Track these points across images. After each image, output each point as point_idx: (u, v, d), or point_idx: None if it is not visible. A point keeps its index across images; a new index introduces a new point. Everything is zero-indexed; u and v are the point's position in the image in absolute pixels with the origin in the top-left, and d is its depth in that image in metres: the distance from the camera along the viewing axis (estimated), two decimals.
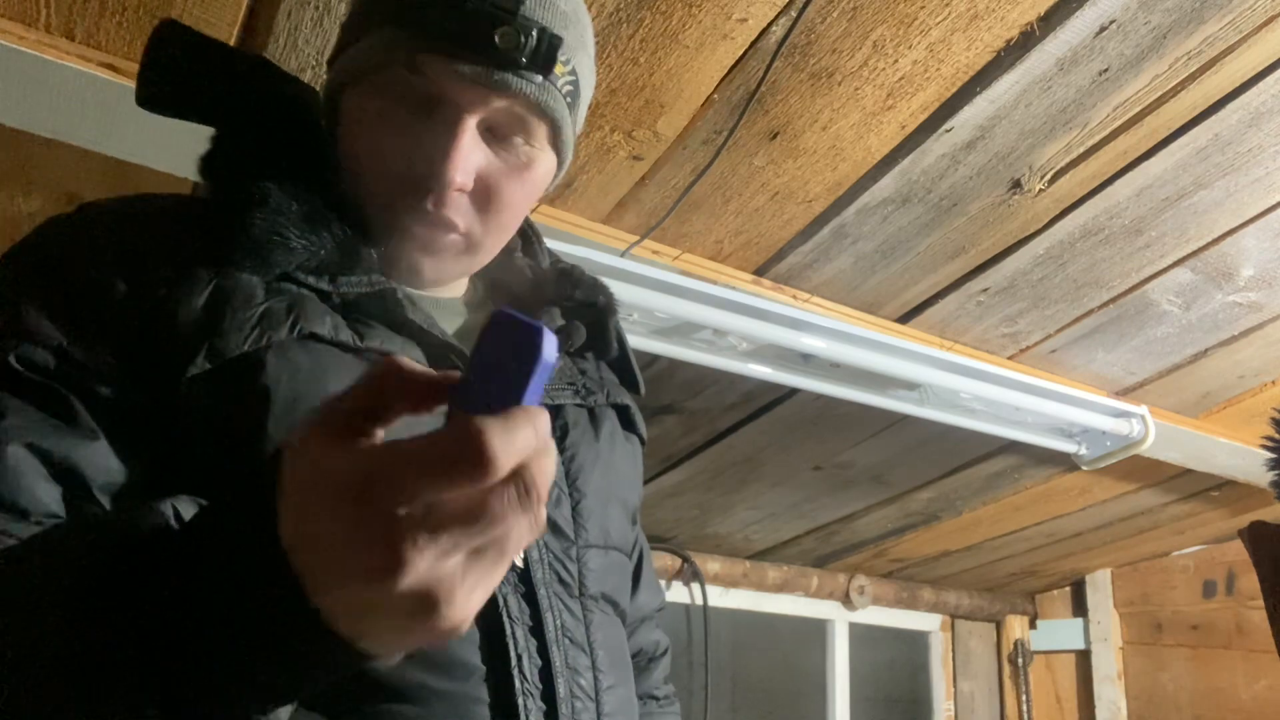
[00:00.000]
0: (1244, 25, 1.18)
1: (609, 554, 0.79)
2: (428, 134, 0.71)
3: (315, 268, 0.70)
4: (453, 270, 0.78)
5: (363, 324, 0.70)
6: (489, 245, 0.78)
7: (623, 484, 0.85)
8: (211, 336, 0.63)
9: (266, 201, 0.68)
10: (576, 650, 0.71)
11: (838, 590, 2.81)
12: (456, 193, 0.72)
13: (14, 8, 1.05)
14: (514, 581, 0.69)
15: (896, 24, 1.15)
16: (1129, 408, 1.91)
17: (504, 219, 0.76)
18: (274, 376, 0.64)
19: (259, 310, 0.65)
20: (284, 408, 0.63)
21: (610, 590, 0.78)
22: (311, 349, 0.66)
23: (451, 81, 0.70)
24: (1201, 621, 2.78)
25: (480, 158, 0.72)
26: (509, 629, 0.66)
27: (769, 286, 1.62)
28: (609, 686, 0.73)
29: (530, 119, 0.73)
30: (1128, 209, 1.49)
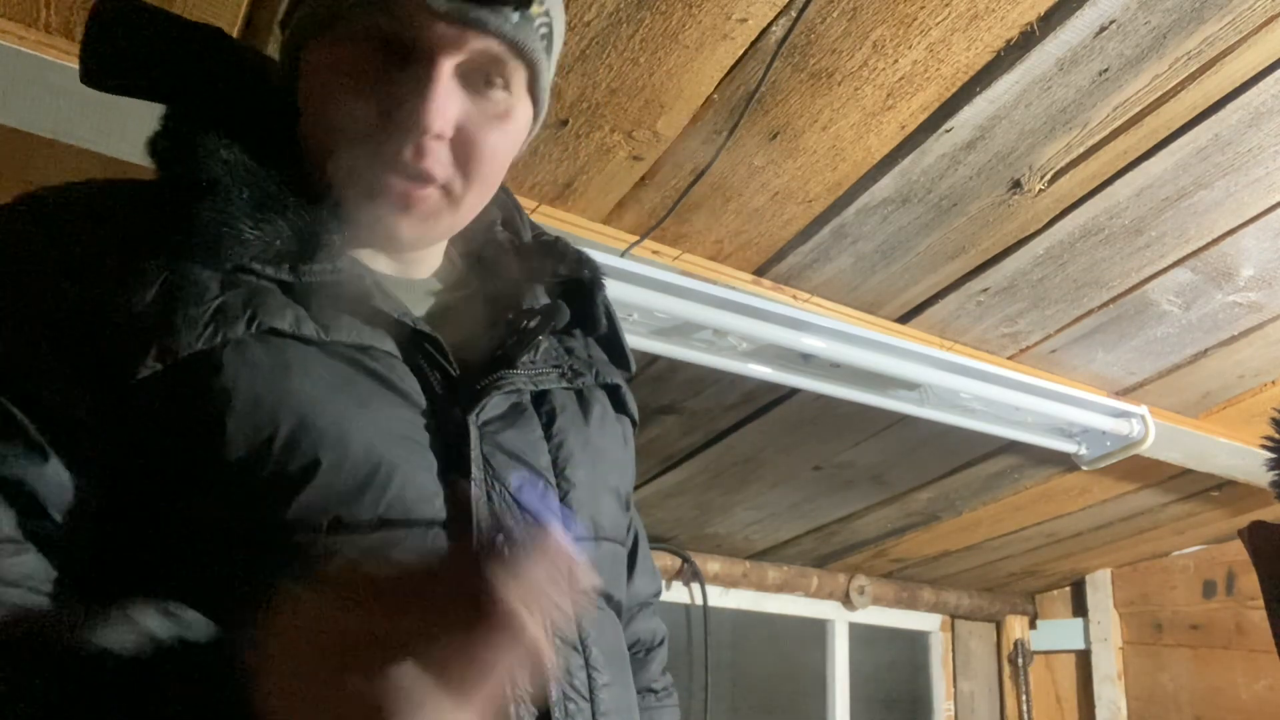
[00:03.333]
0: (1244, 25, 1.18)
1: (600, 546, 0.76)
2: (402, 80, 0.66)
3: (272, 257, 0.65)
4: (433, 230, 0.73)
5: (329, 315, 0.66)
6: (469, 201, 0.73)
7: (614, 470, 0.81)
8: (162, 335, 0.59)
9: (215, 188, 0.64)
10: (567, 649, 0.68)
11: (838, 590, 2.81)
12: (435, 142, 0.67)
13: (14, 8, 1.05)
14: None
15: (896, 24, 1.15)
16: (1129, 408, 1.91)
17: (484, 172, 0.71)
18: (232, 376, 0.60)
19: (213, 305, 0.61)
20: (245, 409, 0.60)
21: (603, 584, 0.75)
22: (272, 345, 0.62)
23: (426, 20, 0.65)
24: (1201, 621, 2.78)
25: (458, 105, 0.68)
26: None
27: (769, 286, 1.62)
28: (605, 684, 0.70)
29: (509, 61, 0.69)
30: (1128, 209, 1.49)
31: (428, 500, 0.64)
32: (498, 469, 0.67)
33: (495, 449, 0.68)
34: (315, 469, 0.60)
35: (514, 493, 0.68)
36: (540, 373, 0.75)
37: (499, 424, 0.70)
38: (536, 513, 0.69)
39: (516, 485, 0.68)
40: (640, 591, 0.92)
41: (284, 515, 0.60)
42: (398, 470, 0.63)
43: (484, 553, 0.44)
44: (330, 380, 0.63)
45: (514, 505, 0.67)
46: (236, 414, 0.60)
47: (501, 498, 0.67)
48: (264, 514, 0.60)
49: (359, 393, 0.64)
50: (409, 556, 0.61)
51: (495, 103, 0.70)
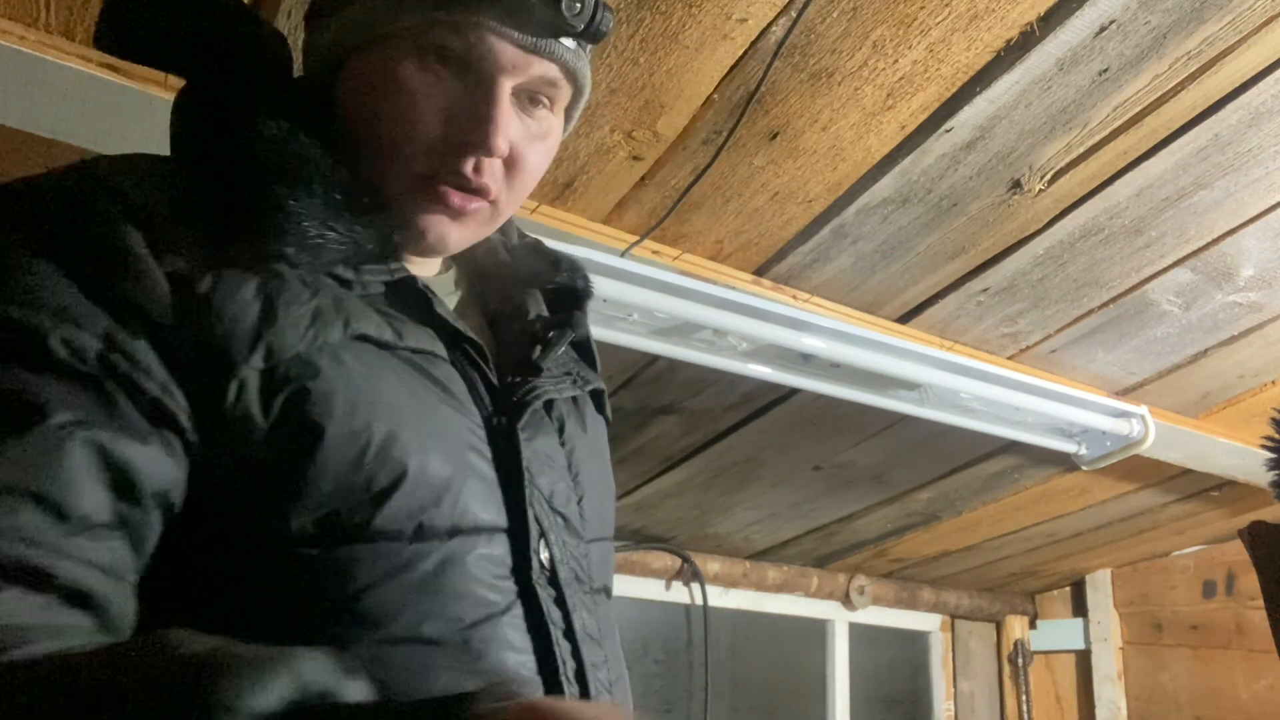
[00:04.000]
0: (1244, 25, 1.18)
1: (605, 545, 0.79)
2: (465, 98, 0.67)
3: (339, 260, 0.65)
4: (473, 238, 0.74)
5: (397, 319, 0.66)
6: (506, 214, 0.75)
7: (606, 471, 0.84)
8: (267, 334, 0.59)
9: (312, 188, 0.63)
10: (595, 646, 0.70)
11: (838, 590, 2.81)
12: (492, 160, 0.69)
13: (14, 8, 1.05)
14: (546, 585, 0.67)
15: (896, 24, 1.15)
16: (1129, 408, 1.91)
17: (525, 187, 0.73)
18: (330, 381, 0.60)
19: (310, 307, 0.61)
20: (343, 415, 0.60)
21: (607, 580, 0.78)
22: (359, 351, 0.63)
23: (495, 43, 0.66)
24: (1201, 621, 2.78)
25: (515, 123, 0.70)
26: (554, 636, 0.65)
27: (769, 286, 1.62)
28: (616, 678, 0.72)
29: (561, 85, 0.71)
30: (1128, 209, 1.49)
31: (491, 507, 0.66)
32: (535, 475, 0.70)
33: (533, 456, 0.70)
34: (404, 477, 0.61)
35: (548, 498, 0.70)
36: (559, 380, 0.77)
37: (531, 430, 0.72)
38: (567, 517, 0.72)
39: (549, 490, 0.71)
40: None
41: (373, 522, 0.60)
42: (468, 478, 0.65)
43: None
44: (409, 387, 0.64)
45: (549, 510, 0.70)
46: (336, 420, 0.59)
47: (540, 503, 0.69)
48: (353, 520, 0.60)
49: (429, 400, 0.65)
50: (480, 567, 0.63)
51: (539, 121, 0.72)
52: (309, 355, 0.60)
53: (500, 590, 0.64)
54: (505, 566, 0.65)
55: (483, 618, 0.62)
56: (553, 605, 0.67)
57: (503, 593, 0.64)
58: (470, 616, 0.62)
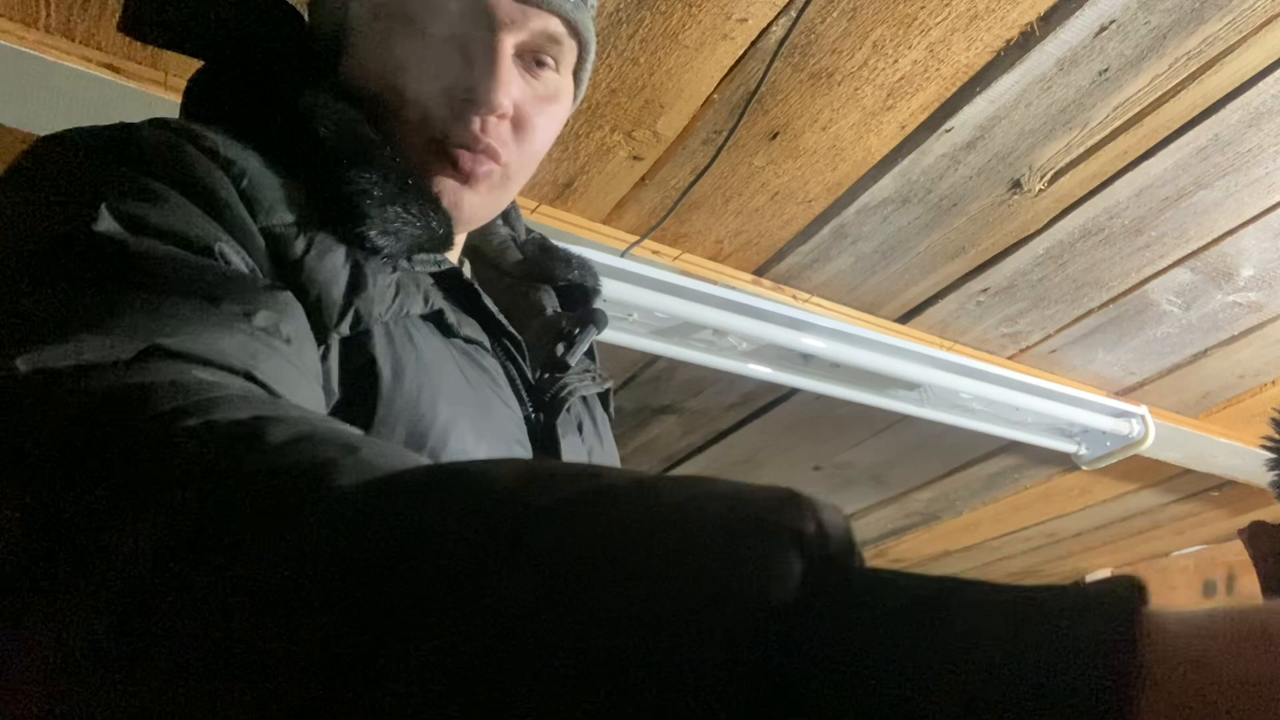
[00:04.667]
0: (1244, 25, 1.18)
1: None
2: (467, 53, 0.66)
3: (396, 245, 0.63)
4: (487, 208, 0.72)
5: (452, 307, 0.65)
6: (518, 182, 0.72)
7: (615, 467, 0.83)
8: (358, 301, 0.57)
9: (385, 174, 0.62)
10: None
11: None
12: (498, 120, 0.67)
13: (14, 8, 1.05)
14: None
15: (896, 24, 1.15)
16: (1129, 408, 1.91)
17: (533, 153, 0.71)
18: (403, 357, 0.59)
19: (395, 279, 0.60)
20: (412, 393, 0.58)
21: None
22: (425, 333, 0.62)
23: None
24: None
25: (519, 83, 0.68)
26: None
27: (769, 286, 1.62)
28: None
29: (565, 41, 0.69)
30: (1128, 209, 1.49)
31: None
32: None
33: (568, 453, 0.69)
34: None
35: None
36: (579, 379, 0.76)
37: (564, 429, 0.71)
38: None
39: None
40: None
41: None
42: None
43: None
44: (467, 376, 0.63)
45: None
46: (404, 396, 0.58)
47: None
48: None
49: (484, 392, 0.65)
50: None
51: (546, 83, 0.70)
52: (390, 328, 0.59)
53: None
54: None
55: None
56: None
57: None
58: None
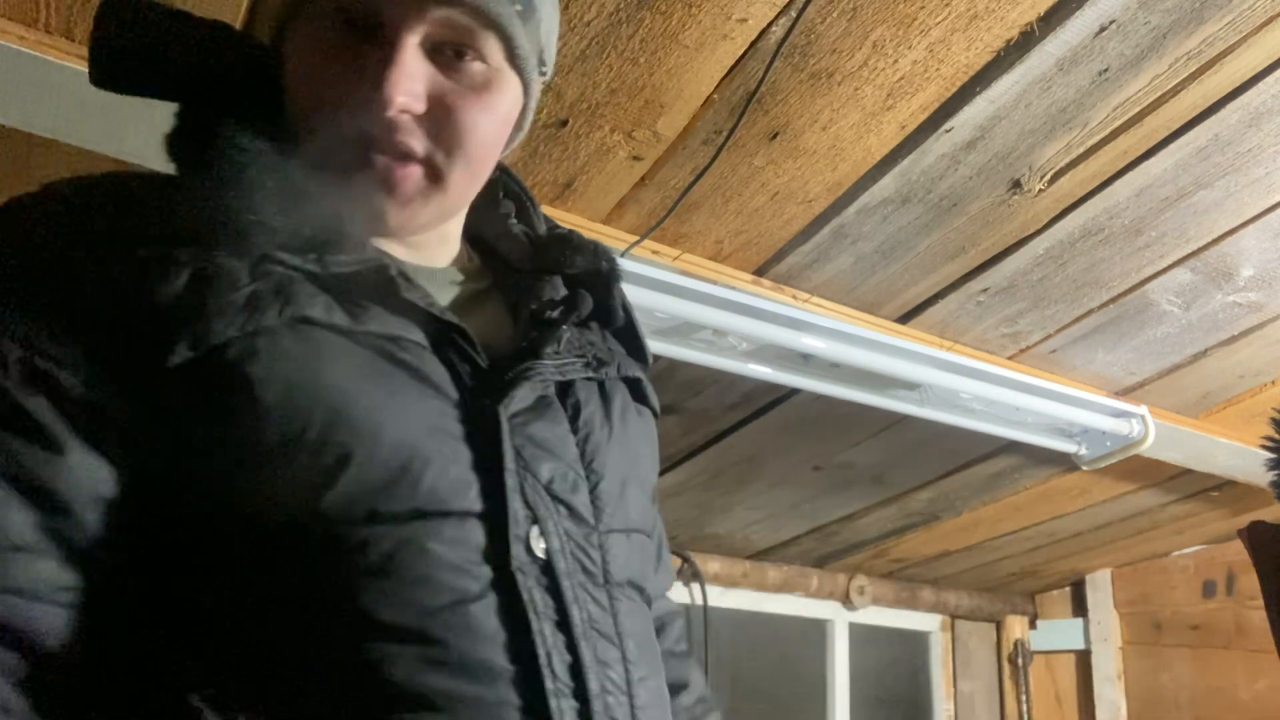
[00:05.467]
0: (1244, 25, 1.18)
1: (631, 537, 0.74)
2: (370, 59, 0.66)
3: (299, 246, 0.65)
4: (421, 214, 0.72)
5: (357, 304, 0.65)
6: (456, 179, 0.71)
7: (639, 461, 0.79)
8: (194, 322, 0.59)
9: (240, 178, 0.64)
10: (605, 642, 0.66)
11: (838, 590, 2.81)
12: (407, 116, 0.67)
13: (14, 8, 1.05)
14: (536, 574, 0.64)
15: (896, 24, 1.15)
16: (1129, 408, 1.91)
17: (468, 146, 0.70)
18: (265, 365, 0.59)
19: (245, 293, 0.61)
20: (279, 399, 0.59)
21: (635, 575, 0.73)
22: (304, 334, 0.62)
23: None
24: (1201, 621, 2.78)
25: (425, 77, 0.67)
26: (536, 625, 0.62)
27: (769, 286, 1.62)
28: (641, 678, 0.68)
29: (477, 31, 0.68)
30: (1128, 209, 1.49)
31: (461, 492, 0.63)
32: (529, 460, 0.67)
33: (526, 441, 0.68)
34: (349, 461, 0.60)
35: (545, 484, 0.67)
36: (566, 363, 0.74)
37: (528, 415, 0.69)
38: (571, 505, 0.69)
39: (548, 477, 0.68)
40: (658, 587, 0.92)
41: (319, 507, 0.59)
42: (431, 462, 0.63)
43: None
44: (362, 370, 0.63)
45: (547, 497, 0.67)
46: (270, 404, 0.59)
47: (535, 490, 0.67)
48: (299, 505, 0.60)
49: (390, 384, 0.64)
50: (446, 552, 0.61)
51: (471, 75, 0.69)
52: (243, 341, 0.60)
53: (473, 576, 0.62)
54: (480, 552, 0.63)
55: (448, 603, 0.60)
56: (544, 594, 0.64)
57: (476, 579, 0.62)
58: (433, 602, 0.60)
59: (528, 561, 0.64)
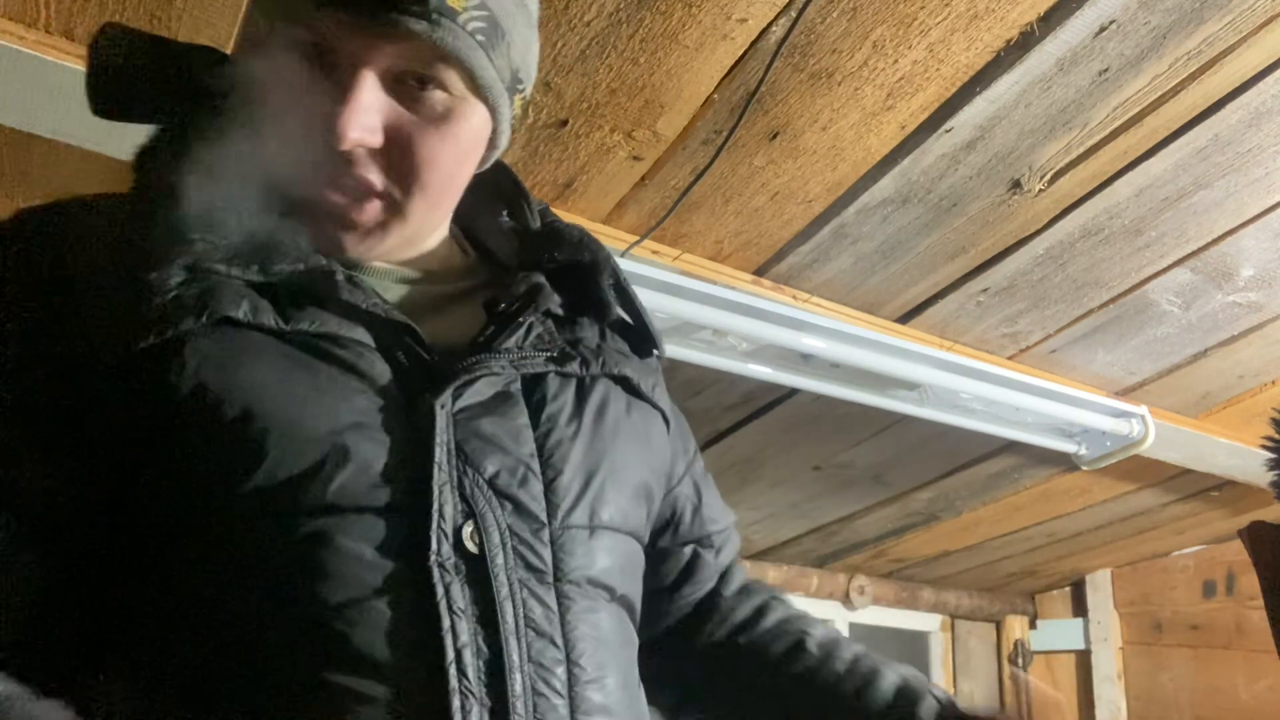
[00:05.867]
0: (1244, 25, 1.18)
1: (599, 535, 0.72)
2: (324, 93, 0.66)
3: (231, 258, 0.65)
4: (381, 245, 0.72)
5: (294, 307, 0.66)
6: (417, 209, 0.71)
7: (627, 460, 0.77)
8: (118, 329, 0.62)
9: (172, 193, 0.66)
10: (544, 642, 0.64)
11: (838, 590, 2.81)
12: (362, 151, 0.67)
13: (14, 8, 1.05)
14: (462, 570, 0.63)
15: (896, 24, 1.15)
16: (1129, 408, 1.91)
17: (428, 178, 0.70)
18: (181, 366, 0.61)
19: (168, 299, 0.62)
20: (194, 398, 0.61)
21: (599, 575, 0.70)
22: (226, 335, 0.63)
23: (340, 31, 0.65)
24: (1201, 621, 2.78)
25: (383, 110, 0.67)
26: (447, 622, 0.60)
27: (769, 286, 1.62)
28: (591, 680, 0.66)
29: (435, 64, 0.67)
30: (1128, 209, 1.49)
31: (380, 487, 0.63)
32: (471, 455, 0.66)
33: (470, 435, 0.67)
34: (262, 455, 0.61)
35: (488, 479, 0.66)
36: (525, 357, 0.73)
37: (478, 410, 0.68)
38: (517, 500, 0.67)
39: (492, 471, 0.67)
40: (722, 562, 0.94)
41: (232, 502, 0.61)
42: (350, 457, 0.62)
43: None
44: (283, 368, 0.64)
45: (489, 491, 0.66)
46: (185, 403, 0.61)
47: (475, 484, 0.65)
48: (213, 501, 0.61)
49: (315, 380, 0.64)
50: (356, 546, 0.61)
51: (432, 106, 0.69)
52: (163, 346, 0.61)
53: (383, 571, 0.61)
54: (394, 547, 0.62)
55: (351, 598, 0.60)
56: (466, 589, 0.62)
57: (385, 574, 0.61)
58: (335, 597, 0.60)
59: (453, 556, 0.63)
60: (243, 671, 0.60)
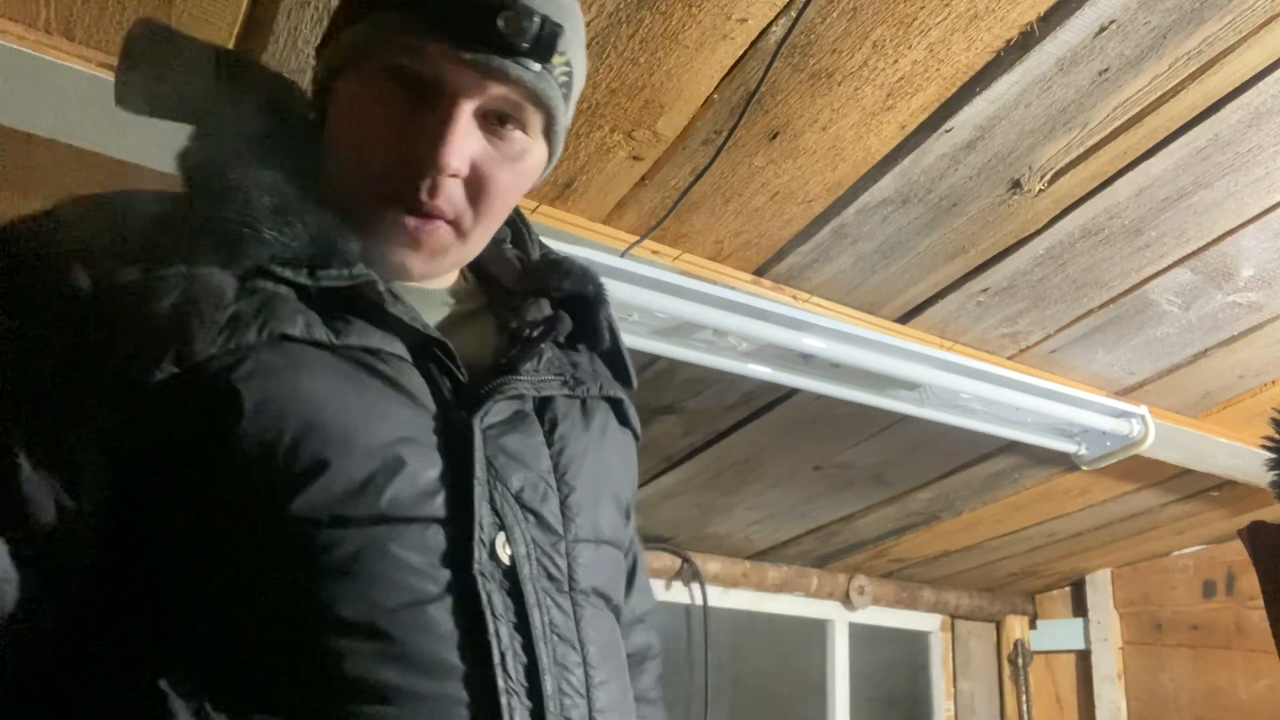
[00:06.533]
0: (1244, 25, 1.18)
1: (600, 548, 0.78)
2: (424, 120, 0.71)
3: (290, 260, 0.68)
4: (441, 264, 0.78)
5: (341, 320, 0.69)
6: (478, 236, 0.77)
7: (616, 478, 0.84)
8: (178, 341, 0.62)
9: (238, 193, 0.67)
10: (565, 646, 0.70)
11: (838, 590, 2.81)
12: (450, 180, 0.72)
13: (14, 8, 1.05)
14: (498, 578, 0.67)
15: (896, 24, 1.15)
16: (1129, 408, 1.91)
17: (494, 209, 0.76)
18: (242, 380, 0.63)
19: (228, 313, 0.64)
20: (255, 411, 0.62)
21: (602, 585, 0.77)
22: (283, 350, 0.65)
23: (451, 67, 0.70)
24: (1201, 621, 2.78)
25: (475, 145, 0.73)
26: (491, 627, 0.65)
27: (769, 286, 1.62)
28: (601, 682, 0.71)
29: (526, 107, 0.74)
30: (1128, 209, 1.49)
31: (428, 498, 0.66)
32: (500, 470, 0.71)
33: (498, 451, 0.71)
34: (322, 469, 0.63)
35: (515, 493, 0.71)
36: (543, 380, 0.78)
37: (502, 428, 0.73)
38: (540, 514, 0.72)
39: (518, 486, 0.71)
40: (635, 607, 0.96)
41: (288, 511, 0.62)
42: (400, 469, 0.66)
43: None
44: (337, 382, 0.66)
45: (516, 505, 0.71)
46: (246, 416, 0.62)
47: (504, 498, 0.70)
48: (269, 509, 0.63)
49: (366, 394, 0.67)
50: (408, 554, 0.64)
51: (511, 143, 0.75)
52: (222, 357, 0.63)
53: (433, 579, 0.65)
54: (440, 555, 0.66)
55: (407, 603, 0.63)
56: (504, 598, 0.67)
57: (436, 581, 0.65)
58: (391, 602, 0.63)
59: (491, 566, 0.67)
60: (296, 676, 0.62)
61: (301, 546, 0.63)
